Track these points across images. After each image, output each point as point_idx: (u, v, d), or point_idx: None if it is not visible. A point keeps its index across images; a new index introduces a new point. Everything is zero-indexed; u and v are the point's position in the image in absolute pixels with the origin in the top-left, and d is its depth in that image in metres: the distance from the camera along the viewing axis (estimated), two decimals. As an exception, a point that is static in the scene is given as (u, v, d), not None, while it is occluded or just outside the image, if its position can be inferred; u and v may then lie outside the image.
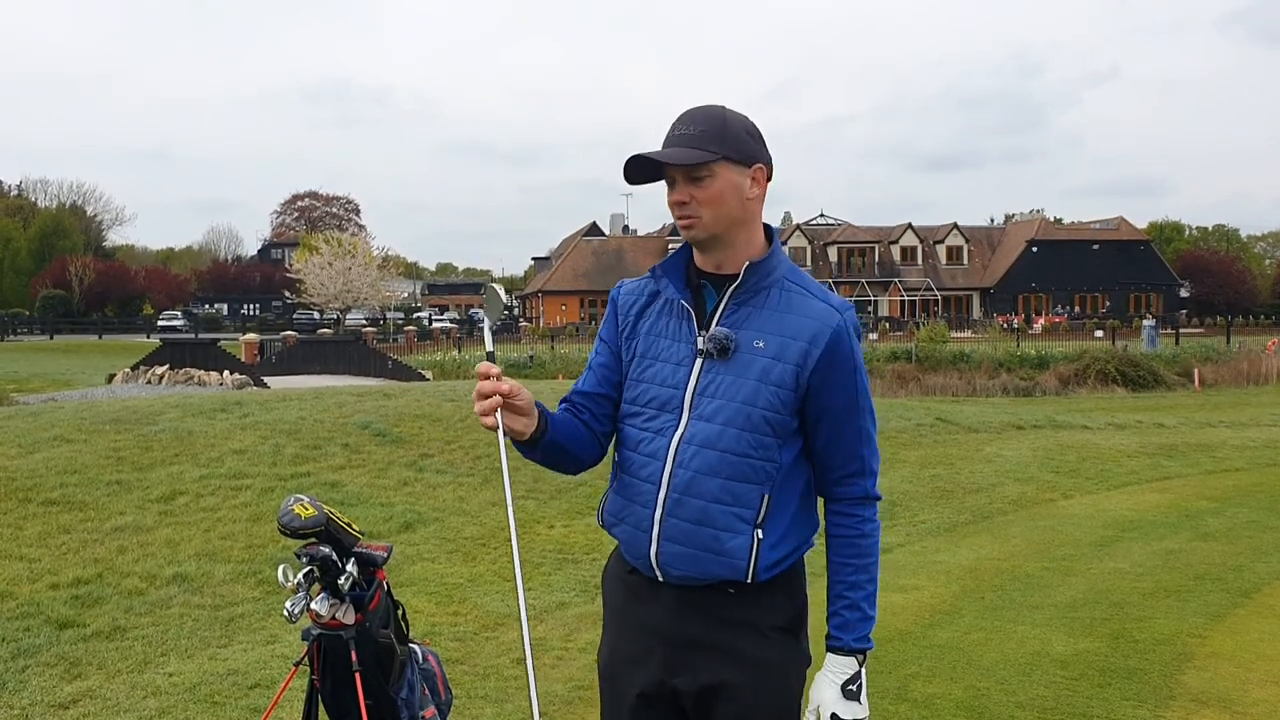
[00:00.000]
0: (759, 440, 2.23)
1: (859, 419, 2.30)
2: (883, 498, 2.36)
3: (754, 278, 2.29)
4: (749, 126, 2.30)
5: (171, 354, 26.85)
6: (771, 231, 2.37)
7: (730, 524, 2.23)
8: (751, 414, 2.22)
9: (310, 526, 3.63)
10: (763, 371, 2.22)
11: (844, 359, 2.26)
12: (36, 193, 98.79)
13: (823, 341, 2.24)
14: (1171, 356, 37.62)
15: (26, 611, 5.94)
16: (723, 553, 2.23)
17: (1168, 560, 7.93)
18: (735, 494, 2.23)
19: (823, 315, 2.26)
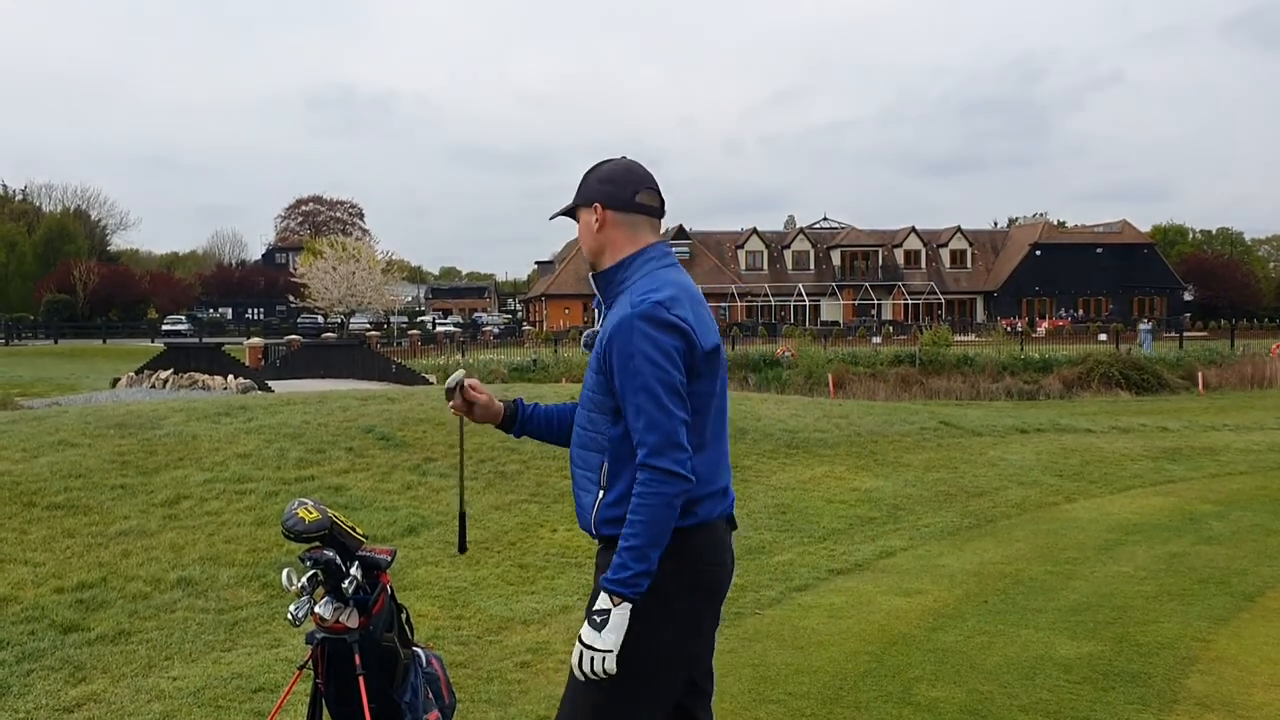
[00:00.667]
0: (591, 417, 2.82)
1: (634, 397, 2.67)
2: (660, 467, 2.64)
3: (601, 287, 2.89)
4: (606, 174, 2.93)
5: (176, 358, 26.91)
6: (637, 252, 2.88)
7: (584, 483, 2.85)
8: (589, 396, 2.83)
9: (314, 530, 3.64)
10: (591, 361, 2.82)
11: (620, 348, 2.70)
12: (41, 197, 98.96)
13: (610, 334, 2.74)
14: (1175, 360, 37.59)
15: (31, 615, 5.95)
16: (581, 507, 2.85)
17: (1171, 564, 7.93)
18: (585, 459, 2.85)
19: (619, 312, 2.75)
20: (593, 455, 2.81)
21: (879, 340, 54.46)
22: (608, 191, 2.90)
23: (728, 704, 5.01)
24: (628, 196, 2.90)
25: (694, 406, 2.75)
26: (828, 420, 13.89)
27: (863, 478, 11.16)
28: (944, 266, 75.86)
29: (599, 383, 2.78)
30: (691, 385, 2.74)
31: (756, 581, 7.34)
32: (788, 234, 77.74)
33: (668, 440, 2.64)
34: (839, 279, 74.11)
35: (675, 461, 2.64)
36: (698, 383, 2.76)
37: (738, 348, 43.18)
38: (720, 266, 73.21)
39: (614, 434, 2.75)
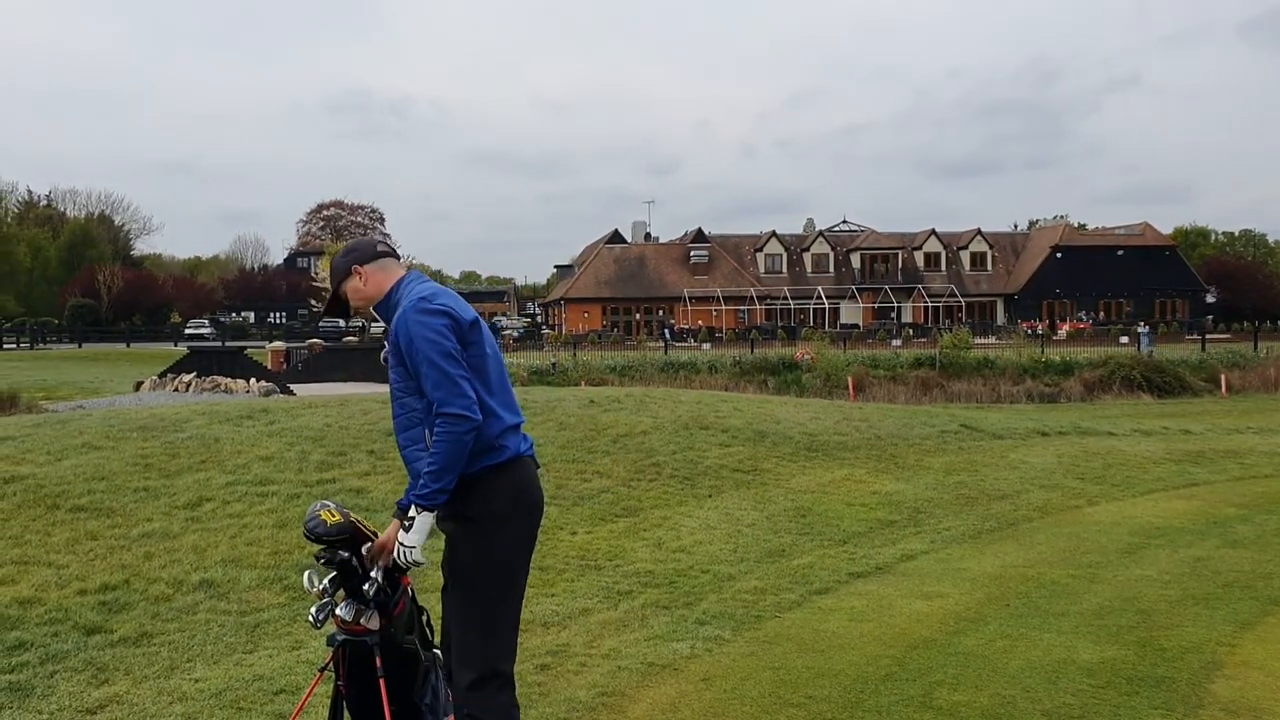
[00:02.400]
0: (404, 403, 3.63)
1: (423, 369, 3.47)
2: (449, 412, 3.44)
3: (383, 314, 3.70)
4: (344, 250, 3.79)
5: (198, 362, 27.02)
6: (399, 280, 3.72)
7: (414, 456, 3.63)
8: (399, 389, 3.63)
9: (335, 533, 3.66)
10: (391, 363, 3.60)
11: (404, 336, 3.51)
12: (66, 203, 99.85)
13: (395, 330, 3.54)
14: (1198, 362, 37.30)
15: (55, 617, 5.99)
16: (416, 474, 3.55)
17: (1195, 568, 7.86)
18: (410, 436, 3.65)
19: (397, 316, 3.56)
20: (416, 430, 3.61)
21: (899, 343, 54.26)
22: (354, 256, 3.74)
23: (748, 707, 5.00)
24: (370, 251, 3.76)
25: (473, 365, 3.55)
26: (847, 423, 13.85)
27: (883, 481, 11.12)
28: (964, 269, 75.57)
29: (401, 374, 3.58)
30: (466, 351, 3.54)
31: (776, 585, 7.32)
32: (807, 237, 77.58)
33: (451, 392, 3.44)
34: (859, 282, 73.90)
35: (461, 406, 3.43)
36: (470, 348, 3.57)
37: (756, 351, 43.08)
38: (739, 269, 73.14)
39: (424, 406, 3.55)
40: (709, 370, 37.22)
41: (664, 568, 7.70)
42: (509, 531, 3.61)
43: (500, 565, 3.60)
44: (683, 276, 72.30)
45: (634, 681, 5.35)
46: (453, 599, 3.63)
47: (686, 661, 5.67)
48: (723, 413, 13.57)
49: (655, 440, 11.70)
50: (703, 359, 40.32)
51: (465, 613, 3.58)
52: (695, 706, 5.02)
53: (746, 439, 12.27)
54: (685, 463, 11.02)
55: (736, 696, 5.15)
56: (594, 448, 11.15)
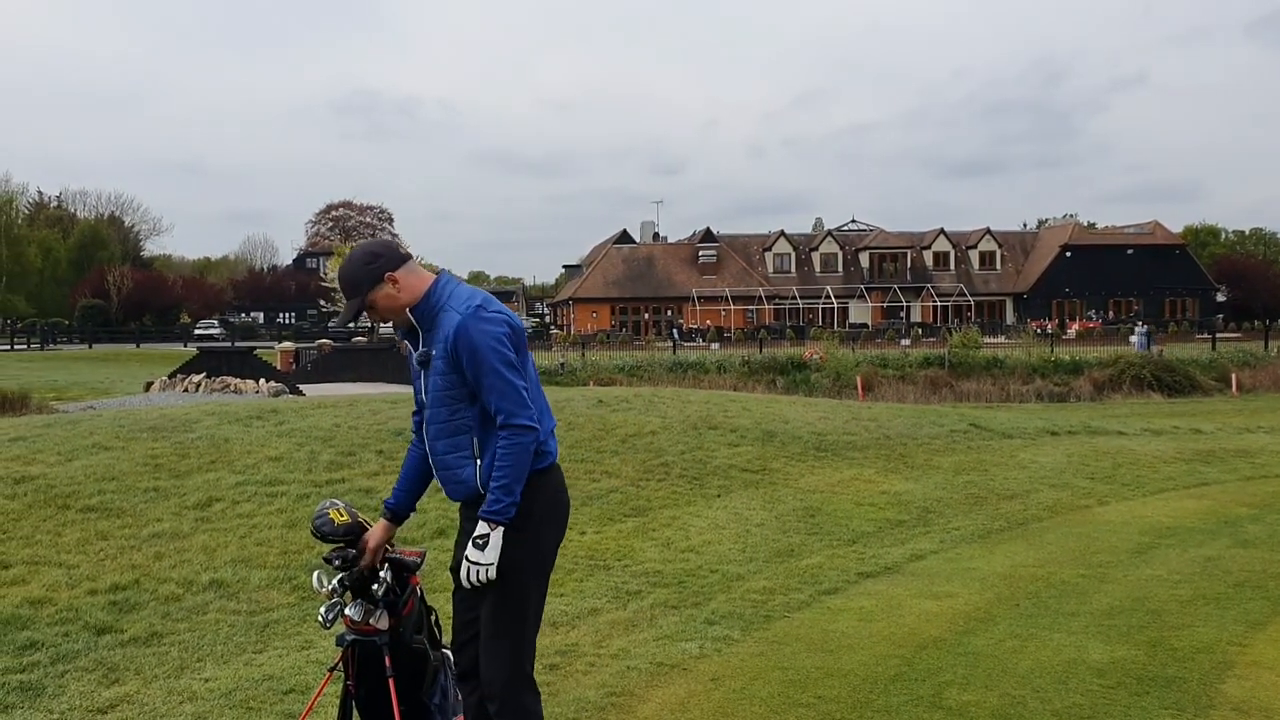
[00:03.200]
0: (453, 409, 3.51)
1: (486, 379, 3.42)
2: (516, 424, 3.42)
3: (419, 315, 3.55)
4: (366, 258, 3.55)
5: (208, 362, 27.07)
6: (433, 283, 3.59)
7: (459, 462, 3.55)
8: (445, 394, 3.51)
9: (342, 533, 3.66)
10: (438, 369, 3.50)
11: (466, 345, 3.42)
12: (75, 204, 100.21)
13: (454, 337, 3.43)
14: (1208, 362, 37.19)
15: (65, 617, 6.01)
16: (460, 480, 3.56)
17: (1206, 567, 7.84)
18: (455, 444, 3.55)
19: (450, 322, 3.46)
20: (462, 438, 3.53)
21: (908, 343, 54.22)
22: (385, 263, 3.55)
23: (758, 707, 4.99)
24: (399, 255, 3.61)
25: (524, 374, 3.52)
26: (856, 423, 13.84)
27: (892, 481, 11.10)
28: (973, 268, 75.44)
29: (451, 380, 3.48)
30: (519, 358, 3.52)
31: (785, 585, 7.31)
32: (815, 236, 77.50)
33: (517, 403, 3.43)
34: (867, 281, 73.81)
35: (528, 418, 3.43)
36: (520, 355, 3.53)
37: (765, 350, 43.06)
38: (747, 269, 73.10)
39: (476, 414, 3.49)
40: (717, 370, 37.23)
41: (673, 568, 7.69)
42: (548, 535, 3.64)
43: (537, 567, 3.62)
44: (691, 276, 72.28)
45: (643, 681, 5.34)
46: (489, 601, 3.55)
47: (695, 661, 5.67)
48: (731, 412, 13.56)
49: (664, 440, 11.69)
50: (711, 359, 40.34)
51: (504, 615, 3.55)
52: (704, 706, 5.01)
53: (755, 439, 12.26)
54: (694, 463, 11.02)
55: (746, 696, 5.15)
56: (603, 447, 11.15)
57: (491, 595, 3.53)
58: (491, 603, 3.55)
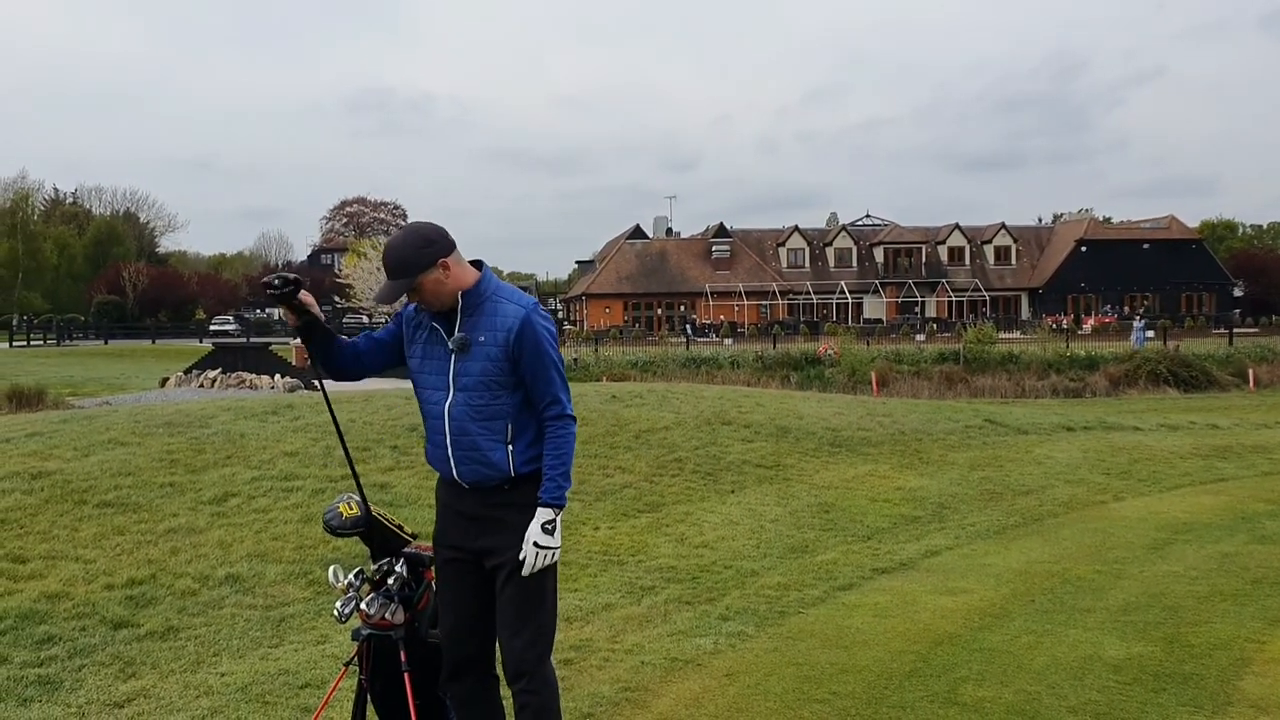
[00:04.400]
0: (494, 393, 3.57)
1: (545, 372, 3.58)
2: (571, 415, 3.62)
3: (469, 301, 3.59)
4: (421, 240, 3.55)
5: (223, 358, 27.22)
6: (480, 264, 3.69)
7: (491, 445, 3.57)
8: (488, 380, 3.56)
9: (351, 526, 3.67)
10: (486, 355, 3.55)
11: (530, 338, 3.55)
12: (91, 200, 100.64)
13: (518, 328, 3.54)
14: (1225, 357, 36.97)
15: (82, 612, 6.04)
16: (490, 463, 3.57)
17: (1223, 564, 7.80)
18: (490, 427, 3.57)
19: (513, 313, 3.57)
20: (497, 422, 3.58)
21: (922, 338, 54.06)
22: (439, 249, 3.55)
23: (772, 703, 4.99)
24: (450, 242, 3.61)
25: None
26: (871, 419, 13.81)
27: (907, 476, 11.08)
28: (988, 263, 75.18)
29: (502, 368, 3.55)
30: None
31: (800, 580, 7.30)
32: (830, 231, 77.33)
33: (568, 395, 3.64)
34: (882, 276, 73.62)
35: (572, 410, 3.64)
36: None
37: (779, 346, 43.00)
38: (761, 264, 73.00)
39: (516, 400, 3.58)
40: (731, 366, 37.17)
41: (686, 563, 7.69)
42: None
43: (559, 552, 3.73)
44: (705, 272, 72.21)
45: (657, 677, 5.34)
46: (517, 588, 3.57)
47: (710, 657, 5.67)
48: (745, 408, 13.55)
49: (677, 436, 11.69)
50: (725, 354, 40.29)
51: (541, 598, 3.61)
52: (719, 702, 5.01)
53: (769, 434, 12.25)
54: (708, 458, 11.01)
55: (760, 692, 5.14)
56: (616, 443, 11.15)
57: (520, 582, 3.55)
58: (520, 587, 3.56)
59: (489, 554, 3.59)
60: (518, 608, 3.57)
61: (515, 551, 3.53)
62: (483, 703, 3.72)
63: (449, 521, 3.70)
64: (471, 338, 3.56)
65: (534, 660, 3.57)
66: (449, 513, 3.70)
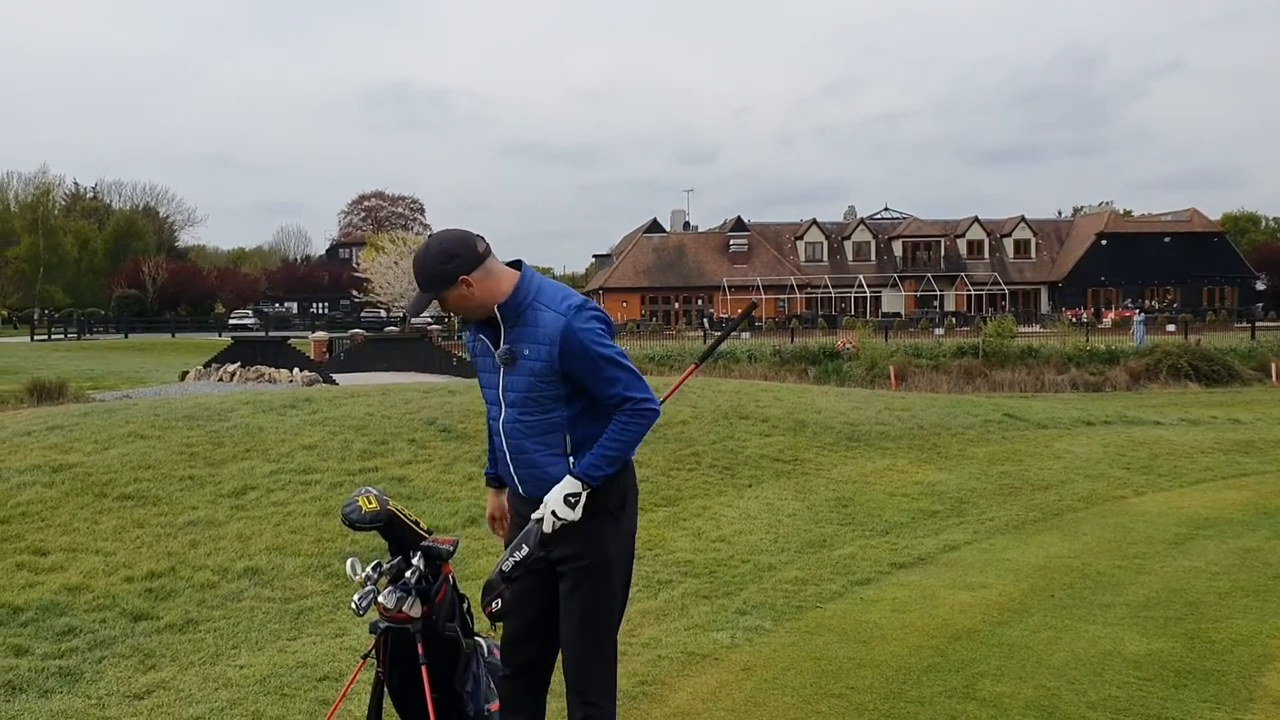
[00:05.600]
0: (546, 408, 3.42)
1: (605, 371, 3.37)
2: (649, 407, 3.40)
3: (507, 313, 3.42)
4: (443, 256, 3.38)
5: (242, 352, 27.33)
6: (520, 265, 3.54)
7: (549, 460, 3.44)
8: (537, 398, 3.42)
9: (369, 521, 3.68)
10: (530, 369, 3.40)
11: (575, 344, 3.35)
12: (111, 195, 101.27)
13: (559, 338, 3.35)
14: (1247, 351, 36.73)
15: (102, 604, 6.08)
16: (548, 478, 3.41)
17: (1245, 559, 7.74)
18: (546, 441, 3.44)
19: (553, 322, 3.37)
20: (554, 435, 3.44)
21: (941, 332, 53.90)
22: (459, 265, 3.39)
23: (790, 697, 4.98)
24: (475, 256, 3.41)
25: None
26: (889, 413, 13.76)
27: (926, 471, 11.04)
28: (1008, 257, 74.80)
29: (548, 382, 3.40)
30: None
31: (818, 575, 7.28)
32: (848, 225, 77.09)
33: (642, 387, 3.40)
34: (900, 270, 73.36)
35: (654, 400, 3.42)
36: None
37: (797, 340, 42.92)
38: (779, 258, 72.84)
39: (572, 412, 3.44)
40: (748, 360, 37.13)
41: (704, 557, 7.68)
42: (634, 521, 3.66)
43: (630, 556, 3.64)
44: (722, 265, 72.10)
45: (674, 670, 5.34)
46: (585, 596, 3.49)
47: (727, 651, 5.66)
48: (763, 402, 13.53)
49: (694, 430, 11.68)
50: (742, 348, 40.24)
51: (609, 605, 3.54)
52: (736, 696, 5.00)
53: (787, 429, 12.22)
54: (725, 452, 11.00)
55: (778, 686, 5.13)
56: (634, 437, 11.13)
57: (588, 590, 3.48)
58: (588, 597, 3.49)
59: (560, 562, 3.49)
60: (584, 616, 3.49)
61: (585, 560, 3.45)
62: (531, 705, 3.67)
63: (519, 529, 3.59)
64: (516, 350, 3.42)
65: (599, 671, 3.53)
66: (518, 519, 3.61)
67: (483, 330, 3.52)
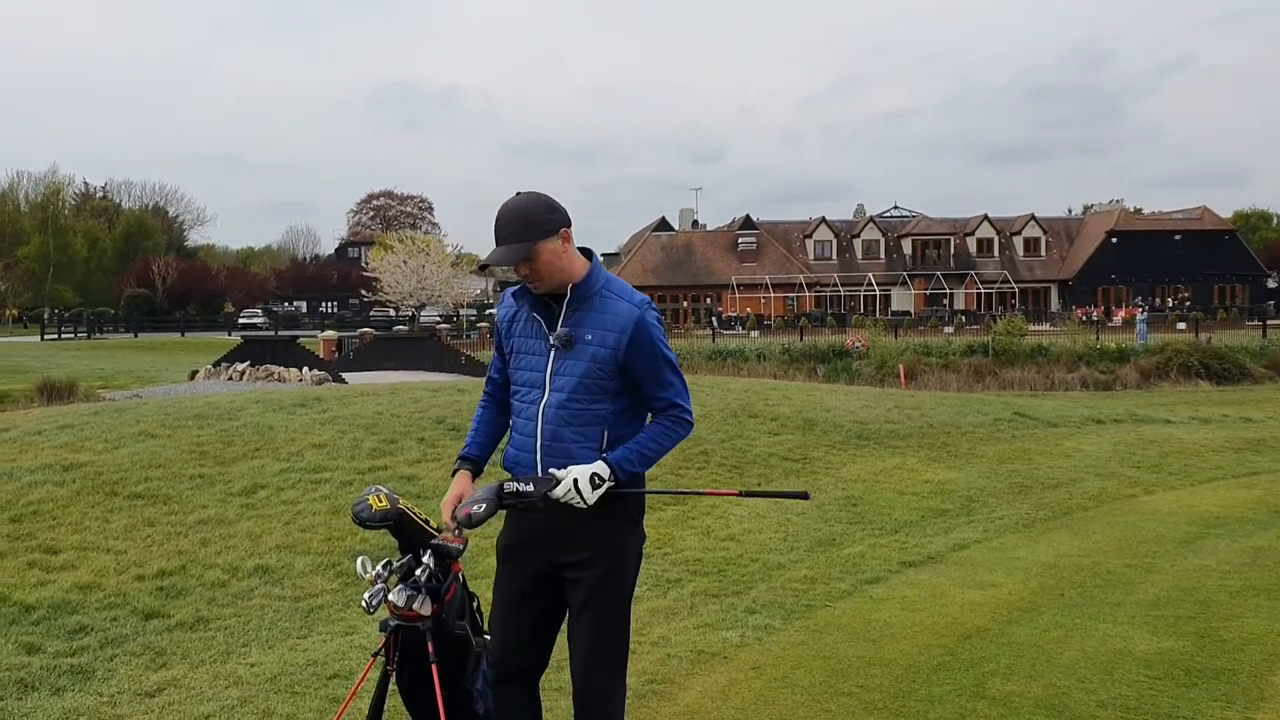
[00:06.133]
0: (596, 398, 3.31)
1: (663, 374, 3.35)
2: (690, 419, 3.42)
3: (579, 293, 3.33)
4: (545, 205, 3.29)
5: (252, 351, 27.42)
6: (590, 254, 3.40)
7: (585, 455, 3.29)
8: (592, 383, 3.30)
9: (379, 519, 3.68)
10: (591, 355, 3.29)
11: (646, 338, 3.30)
12: (120, 195, 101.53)
13: (628, 331, 3.28)
14: (1259, 349, 36.60)
15: (114, 602, 6.10)
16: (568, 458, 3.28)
17: (1256, 558, 7.71)
18: (585, 433, 3.31)
19: (626, 311, 3.31)
20: (594, 429, 3.32)
21: (951, 330, 53.79)
22: (561, 217, 3.30)
23: (799, 696, 4.98)
24: (568, 217, 3.34)
25: None
26: (899, 411, 13.74)
27: (935, 469, 11.02)
28: (1017, 255, 74.63)
29: (607, 370, 3.30)
30: None
31: (827, 574, 7.28)
32: (857, 223, 76.98)
33: (689, 398, 3.41)
34: (910, 268, 73.24)
35: (692, 414, 3.43)
36: None
37: (806, 338, 42.88)
38: (788, 256, 72.77)
39: (617, 408, 3.35)
40: (757, 358, 37.12)
41: (713, 556, 7.68)
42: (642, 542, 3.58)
43: (635, 578, 3.53)
44: (730, 264, 72.05)
45: (684, 669, 5.34)
46: (601, 607, 3.39)
47: (736, 650, 5.66)
48: (771, 401, 13.52)
49: (703, 429, 11.67)
50: (751, 347, 40.23)
51: (625, 613, 3.45)
52: (745, 695, 5.00)
53: (796, 427, 12.21)
54: (734, 451, 10.99)
55: (787, 685, 5.13)
56: (643, 436, 11.14)
57: (605, 601, 3.38)
58: (604, 604, 3.39)
59: (571, 567, 3.38)
60: (597, 629, 3.38)
61: (604, 564, 3.36)
62: (528, 709, 3.63)
63: (524, 532, 3.47)
64: (577, 334, 3.31)
65: (610, 680, 3.44)
66: (523, 521, 3.46)
67: (537, 309, 3.39)
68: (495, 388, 3.70)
